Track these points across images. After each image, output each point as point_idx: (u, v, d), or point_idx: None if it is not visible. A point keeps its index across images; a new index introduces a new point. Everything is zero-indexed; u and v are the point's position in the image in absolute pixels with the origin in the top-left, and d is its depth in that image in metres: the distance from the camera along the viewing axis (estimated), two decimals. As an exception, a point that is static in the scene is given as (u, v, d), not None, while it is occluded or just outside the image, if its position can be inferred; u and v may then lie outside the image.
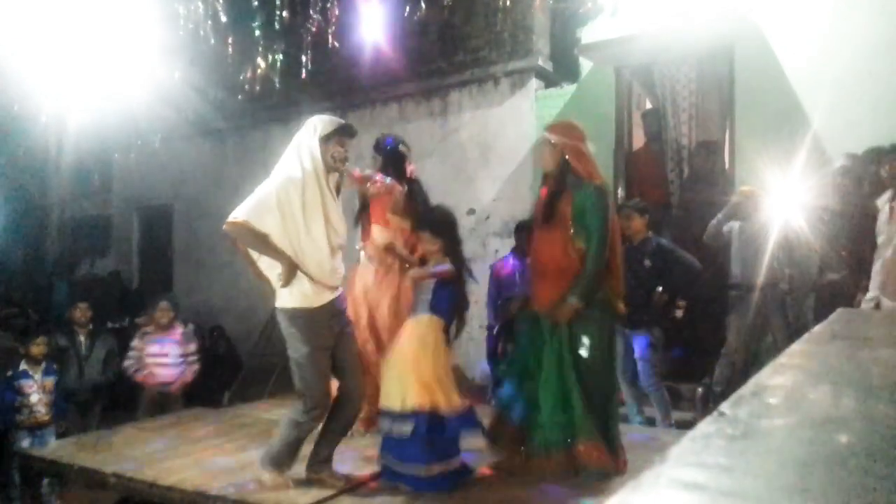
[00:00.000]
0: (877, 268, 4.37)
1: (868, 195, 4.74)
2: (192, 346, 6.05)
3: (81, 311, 6.24)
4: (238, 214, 3.23)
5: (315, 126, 3.40)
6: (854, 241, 4.68)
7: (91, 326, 6.29)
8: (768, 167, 5.28)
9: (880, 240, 4.40)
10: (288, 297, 3.30)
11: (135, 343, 5.90)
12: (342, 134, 3.43)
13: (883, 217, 4.41)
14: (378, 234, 4.44)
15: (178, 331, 6.03)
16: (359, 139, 8.96)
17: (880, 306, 4.26)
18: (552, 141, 3.65)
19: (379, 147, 4.71)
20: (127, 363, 5.83)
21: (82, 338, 6.17)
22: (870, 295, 4.36)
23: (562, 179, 3.61)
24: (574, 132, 3.72)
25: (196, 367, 6.02)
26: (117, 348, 6.28)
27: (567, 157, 3.59)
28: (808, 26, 5.69)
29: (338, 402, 3.46)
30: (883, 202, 4.44)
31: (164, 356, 5.84)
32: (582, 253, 3.49)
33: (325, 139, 3.36)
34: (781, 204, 5.05)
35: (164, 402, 5.78)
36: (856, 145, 4.83)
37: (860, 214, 4.69)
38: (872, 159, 4.64)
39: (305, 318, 3.32)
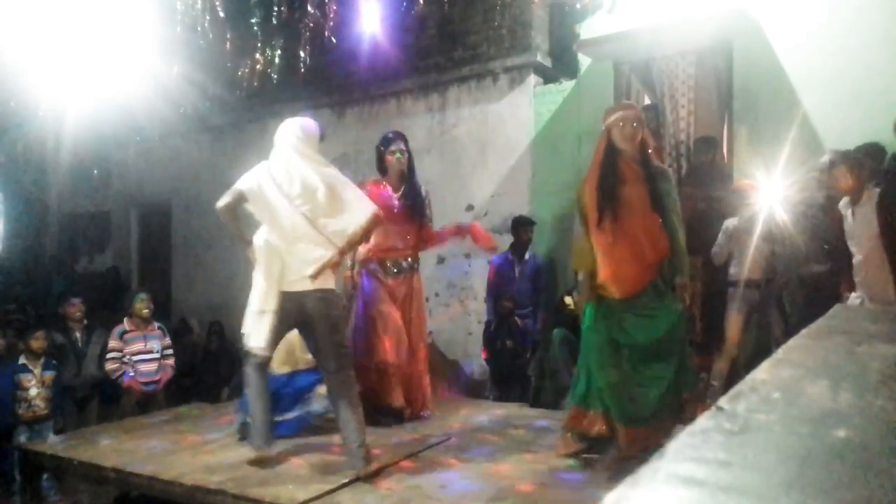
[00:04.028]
0: (854, 268, 4.44)
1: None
2: (168, 341, 6.02)
3: (75, 307, 6.19)
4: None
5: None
6: (836, 235, 4.70)
7: (86, 322, 6.26)
8: (766, 162, 5.28)
9: (852, 241, 4.45)
10: (333, 281, 3.60)
11: (113, 344, 5.76)
12: None
13: (847, 221, 4.47)
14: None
15: (156, 325, 6.01)
16: (357, 135, 8.96)
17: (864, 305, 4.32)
18: (643, 118, 3.64)
19: None
20: (111, 367, 5.71)
21: (78, 333, 6.15)
22: (856, 294, 4.42)
23: (643, 162, 3.58)
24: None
25: (173, 362, 5.99)
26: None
27: (644, 136, 3.60)
28: (806, 21, 5.68)
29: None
30: (844, 206, 4.51)
31: (148, 352, 5.82)
32: (662, 235, 3.54)
33: None
34: (772, 198, 5.07)
35: (147, 404, 5.72)
36: (854, 140, 4.83)
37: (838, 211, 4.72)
38: (872, 153, 4.64)
39: None
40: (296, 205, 3.39)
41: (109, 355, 5.74)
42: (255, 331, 3.45)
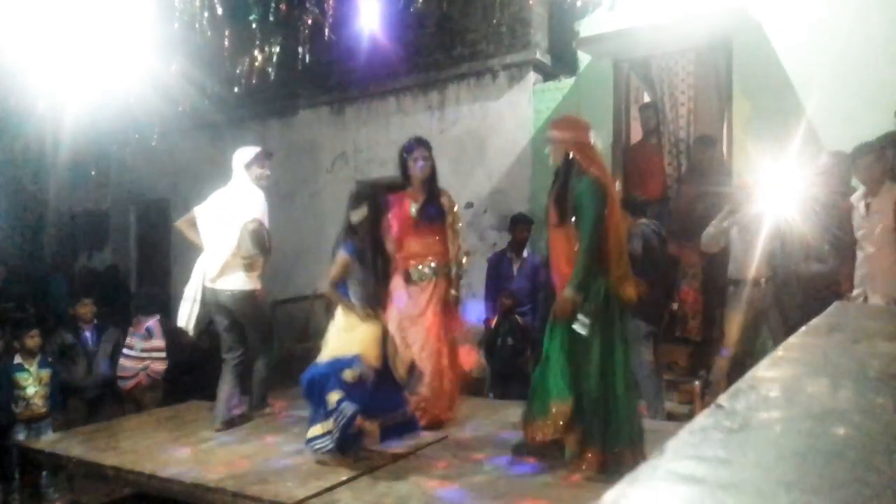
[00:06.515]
0: (859, 263, 4.40)
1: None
2: (157, 343, 5.96)
3: (86, 308, 6.19)
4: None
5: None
6: (842, 231, 4.68)
7: (96, 321, 6.25)
8: (766, 160, 5.27)
9: (859, 234, 4.41)
10: (247, 282, 4.53)
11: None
12: None
13: (859, 213, 4.43)
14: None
15: (144, 324, 6.00)
16: (355, 132, 8.93)
17: (867, 301, 4.28)
18: (553, 137, 3.66)
19: None
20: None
21: (88, 333, 6.14)
22: (856, 291, 4.39)
23: (567, 176, 3.59)
24: (577, 126, 3.72)
25: (160, 365, 5.95)
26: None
27: (571, 152, 3.55)
28: (805, 18, 5.68)
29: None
30: (857, 199, 4.46)
31: (128, 348, 5.93)
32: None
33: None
34: (776, 196, 5.05)
35: (138, 399, 5.82)
36: (853, 137, 4.82)
37: (846, 206, 4.71)
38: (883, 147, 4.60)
39: None
40: (217, 221, 4.54)
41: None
42: (181, 313, 4.57)
